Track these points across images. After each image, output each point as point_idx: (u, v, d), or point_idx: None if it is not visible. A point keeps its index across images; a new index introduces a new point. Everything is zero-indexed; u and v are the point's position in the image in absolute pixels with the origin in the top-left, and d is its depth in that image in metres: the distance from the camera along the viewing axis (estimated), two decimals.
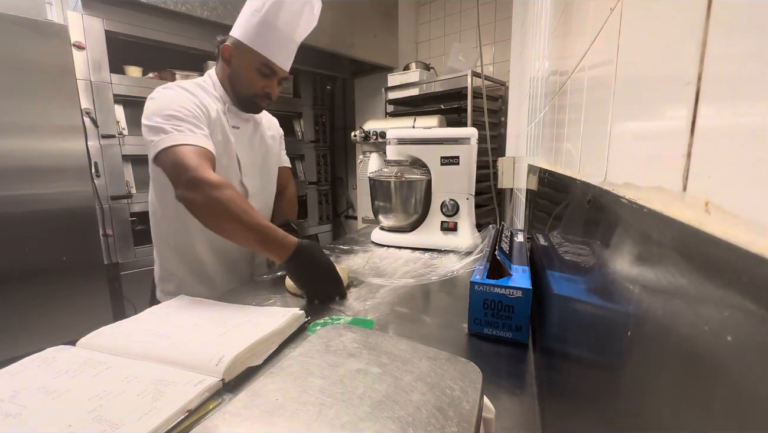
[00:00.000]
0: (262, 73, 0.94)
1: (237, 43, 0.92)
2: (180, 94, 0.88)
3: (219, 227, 0.79)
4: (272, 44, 0.92)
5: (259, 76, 0.94)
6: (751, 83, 0.13)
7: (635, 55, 0.27)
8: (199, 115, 0.88)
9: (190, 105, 0.87)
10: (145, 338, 0.55)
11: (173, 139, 0.80)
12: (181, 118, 0.84)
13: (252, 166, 1.02)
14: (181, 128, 0.82)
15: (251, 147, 1.03)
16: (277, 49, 0.93)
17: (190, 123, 0.84)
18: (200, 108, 0.89)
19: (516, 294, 0.58)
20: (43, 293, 1.55)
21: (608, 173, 0.30)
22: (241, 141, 0.99)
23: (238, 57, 0.93)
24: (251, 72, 0.94)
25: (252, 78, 0.94)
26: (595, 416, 0.26)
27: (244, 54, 0.92)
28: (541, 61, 1.14)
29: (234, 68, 0.95)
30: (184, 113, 0.84)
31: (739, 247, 0.12)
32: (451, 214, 1.16)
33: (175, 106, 0.85)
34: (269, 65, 0.93)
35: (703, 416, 0.13)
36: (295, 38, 0.95)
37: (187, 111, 0.85)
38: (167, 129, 0.81)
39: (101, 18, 1.70)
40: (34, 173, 1.49)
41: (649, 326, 0.18)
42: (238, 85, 0.96)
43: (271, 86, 0.97)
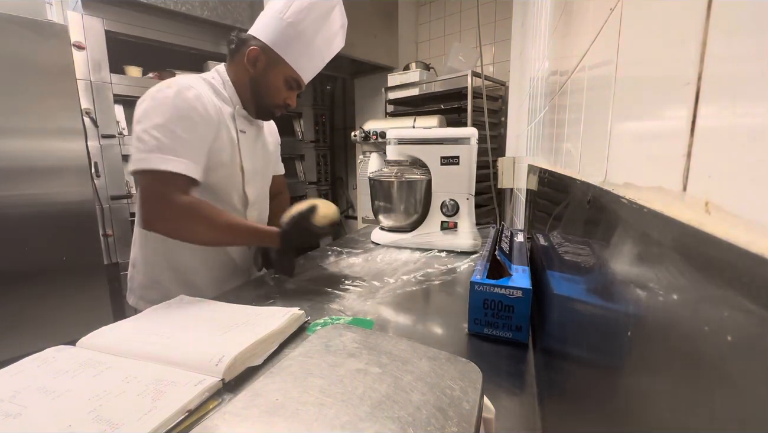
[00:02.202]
0: (288, 85, 0.92)
1: (267, 50, 0.88)
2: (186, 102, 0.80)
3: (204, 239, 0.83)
4: (306, 60, 0.91)
5: (285, 87, 0.92)
6: (751, 83, 0.13)
7: (635, 55, 0.27)
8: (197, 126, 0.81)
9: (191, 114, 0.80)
10: (145, 338, 0.55)
11: (151, 163, 0.75)
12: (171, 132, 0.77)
13: (254, 173, 0.98)
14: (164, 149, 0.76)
15: (254, 153, 0.99)
16: (309, 66, 0.92)
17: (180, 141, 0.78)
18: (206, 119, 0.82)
19: (516, 294, 0.58)
20: (43, 293, 1.55)
21: (608, 173, 0.30)
22: (246, 147, 0.95)
23: (267, 64, 0.89)
24: (278, 82, 0.91)
25: (278, 87, 0.92)
26: (595, 416, 0.26)
27: (274, 63, 0.89)
28: (541, 61, 1.14)
29: (259, 74, 0.90)
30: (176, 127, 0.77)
31: (739, 247, 0.12)
32: (451, 215, 1.16)
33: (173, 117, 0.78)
34: (298, 80, 0.92)
35: (703, 416, 0.13)
36: (326, 58, 0.94)
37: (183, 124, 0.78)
38: (150, 146, 0.76)
39: (101, 18, 1.70)
40: (34, 173, 1.49)
41: (649, 326, 0.18)
42: (261, 92, 0.92)
43: (292, 98, 0.96)
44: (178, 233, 0.80)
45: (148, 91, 0.82)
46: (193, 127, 0.80)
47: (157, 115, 0.78)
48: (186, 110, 0.79)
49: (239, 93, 0.93)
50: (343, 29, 0.94)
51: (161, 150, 0.76)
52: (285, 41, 0.87)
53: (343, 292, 0.81)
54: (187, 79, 0.85)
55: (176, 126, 0.78)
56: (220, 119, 0.87)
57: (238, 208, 0.95)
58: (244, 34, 0.91)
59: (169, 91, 0.80)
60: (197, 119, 0.81)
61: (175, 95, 0.79)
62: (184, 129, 0.78)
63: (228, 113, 0.90)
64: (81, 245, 1.64)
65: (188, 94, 0.80)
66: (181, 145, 0.78)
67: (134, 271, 0.97)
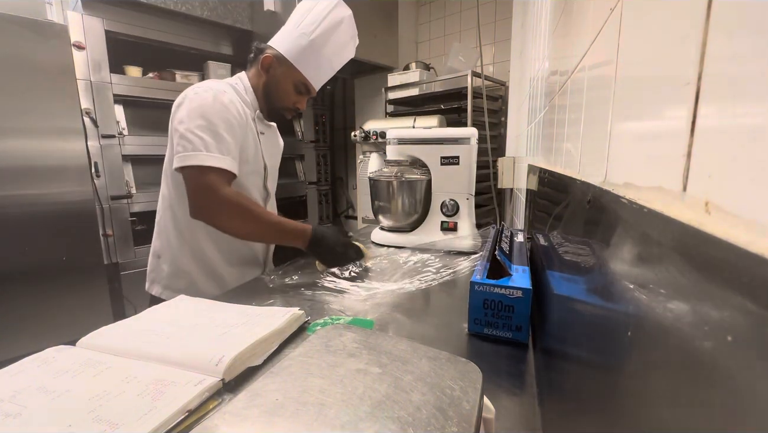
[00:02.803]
0: (298, 90, 1.00)
1: (280, 57, 0.96)
2: (224, 105, 0.89)
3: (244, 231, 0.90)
4: (315, 68, 0.98)
5: (295, 92, 1.00)
6: (751, 83, 0.13)
7: (635, 55, 0.27)
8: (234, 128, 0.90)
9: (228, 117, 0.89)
10: (145, 338, 0.55)
11: (199, 160, 0.84)
12: (215, 133, 0.86)
13: (273, 170, 1.10)
14: (210, 147, 0.85)
15: (272, 153, 1.10)
16: (318, 73, 0.99)
17: (222, 140, 0.87)
18: (239, 120, 0.92)
19: (516, 294, 0.58)
20: (43, 293, 1.55)
21: (608, 173, 0.30)
22: (267, 146, 1.06)
23: (279, 70, 0.97)
24: (288, 86, 0.99)
25: (288, 92, 0.99)
26: (595, 416, 0.26)
27: (285, 69, 0.97)
28: (541, 61, 1.14)
29: (271, 79, 0.99)
30: (218, 128, 0.86)
31: (739, 247, 0.12)
32: (451, 214, 1.16)
33: (214, 118, 0.87)
34: (307, 85, 0.99)
35: (703, 416, 0.13)
36: (335, 66, 1.01)
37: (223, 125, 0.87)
38: (197, 145, 0.84)
39: (101, 18, 1.70)
40: (34, 173, 1.49)
41: (649, 326, 0.18)
42: (272, 95, 1.01)
43: (301, 102, 1.03)
44: (221, 222, 0.88)
45: (184, 93, 0.90)
46: (231, 128, 0.89)
47: (200, 116, 0.86)
48: (224, 112, 0.89)
49: (258, 98, 1.02)
50: (353, 40, 1.01)
51: (207, 148, 0.85)
52: (297, 50, 0.95)
53: (343, 292, 0.81)
54: (220, 84, 0.94)
55: (218, 126, 0.87)
56: (247, 122, 0.96)
57: (259, 200, 1.05)
58: (263, 44, 1.00)
59: (208, 95, 0.88)
60: (233, 121, 0.90)
61: (214, 99, 0.88)
62: (225, 129, 0.87)
63: (250, 116, 1.00)
64: (81, 245, 1.64)
65: (224, 98, 0.89)
66: (224, 143, 0.87)
67: (159, 261, 1.02)
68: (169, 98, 1.95)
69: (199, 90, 0.90)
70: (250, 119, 0.98)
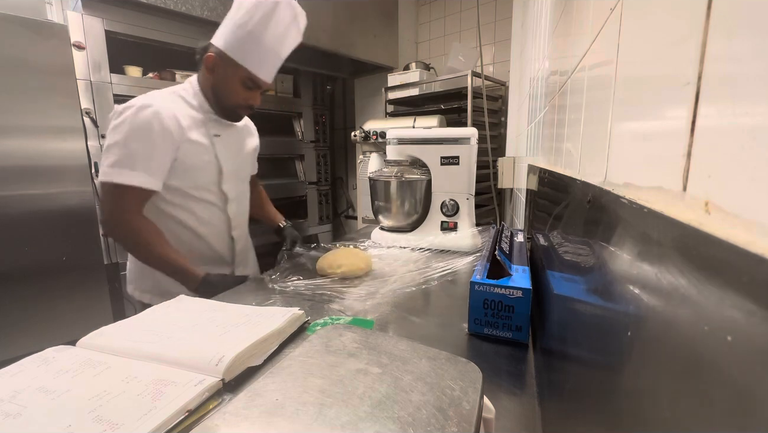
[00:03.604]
0: (246, 86, 0.95)
1: (221, 54, 0.92)
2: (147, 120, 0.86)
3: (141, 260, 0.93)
4: (258, 59, 0.92)
5: (243, 88, 0.95)
6: (751, 83, 0.13)
7: (635, 55, 0.27)
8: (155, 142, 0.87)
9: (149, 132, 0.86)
10: (145, 338, 0.55)
11: (112, 176, 0.85)
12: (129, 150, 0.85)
13: (232, 173, 1.04)
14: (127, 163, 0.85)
15: (232, 154, 1.05)
16: (263, 64, 0.94)
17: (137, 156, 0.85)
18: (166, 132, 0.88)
19: (516, 294, 0.58)
20: (43, 293, 1.55)
21: (608, 173, 0.30)
22: (223, 149, 1.01)
23: (223, 68, 0.93)
24: (235, 84, 0.95)
25: (235, 90, 0.95)
26: (595, 416, 0.26)
27: (228, 66, 0.92)
28: (541, 61, 1.14)
29: (217, 79, 0.95)
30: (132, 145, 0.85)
31: (739, 247, 0.12)
32: (451, 214, 1.16)
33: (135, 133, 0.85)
34: (254, 79, 0.94)
35: (703, 416, 0.13)
36: (281, 54, 0.95)
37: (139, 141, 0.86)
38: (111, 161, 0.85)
39: (101, 18, 1.70)
40: (34, 173, 1.49)
41: (649, 326, 0.18)
42: (220, 95, 0.97)
43: (254, 98, 0.99)
44: (124, 245, 0.92)
45: (115, 108, 0.90)
46: (148, 143, 0.87)
47: (118, 132, 0.86)
48: (142, 127, 0.87)
49: (208, 99, 0.99)
50: (296, 23, 0.94)
51: (120, 165, 0.85)
52: (236, 44, 0.91)
53: (343, 292, 0.81)
54: (149, 97, 0.92)
55: (133, 142, 0.86)
56: (184, 129, 0.93)
57: (217, 204, 1.02)
58: (206, 42, 0.96)
59: (129, 111, 0.87)
60: (153, 135, 0.87)
61: (133, 114, 0.87)
62: (140, 145, 0.86)
63: (200, 120, 0.97)
64: (81, 245, 1.64)
65: (145, 113, 0.87)
66: (137, 159, 0.86)
67: (130, 261, 1.04)
68: None
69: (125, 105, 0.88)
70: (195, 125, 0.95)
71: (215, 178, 1.00)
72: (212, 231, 1.03)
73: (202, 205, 0.99)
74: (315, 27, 2.00)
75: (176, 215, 0.97)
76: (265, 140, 2.71)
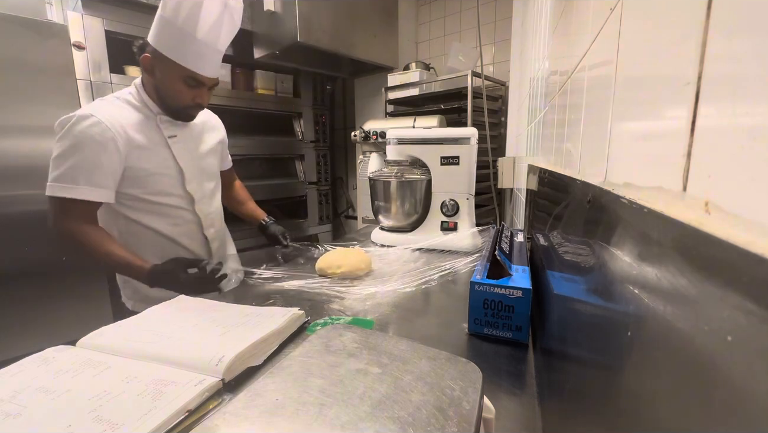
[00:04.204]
0: (189, 84, 0.90)
1: (157, 54, 0.87)
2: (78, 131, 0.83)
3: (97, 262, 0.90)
4: (195, 56, 0.87)
5: (187, 87, 0.90)
6: (751, 83, 0.13)
7: (635, 55, 0.27)
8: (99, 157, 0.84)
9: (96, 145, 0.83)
10: (145, 338, 0.55)
11: (55, 191, 0.83)
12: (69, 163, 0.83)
13: (195, 172, 1.01)
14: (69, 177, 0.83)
15: (192, 154, 1.01)
16: (202, 61, 0.88)
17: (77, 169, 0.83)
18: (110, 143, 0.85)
19: (516, 294, 0.58)
20: (43, 293, 1.55)
21: (608, 173, 0.30)
22: (181, 149, 0.97)
23: (161, 69, 0.88)
24: (177, 84, 0.89)
25: (179, 90, 0.90)
26: (595, 416, 0.26)
27: (166, 66, 0.87)
28: (541, 61, 1.14)
29: (158, 79, 0.90)
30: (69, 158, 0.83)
31: (739, 247, 0.12)
32: (451, 214, 1.16)
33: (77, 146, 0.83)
34: (195, 77, 0.89)
35: (703, 416, 0.13)
36: (219, 47, 0.90)
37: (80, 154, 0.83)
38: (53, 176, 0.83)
39: (101, 18, 1.70)
40: (34, 173, 1.49)
41: (649, 326, 0.18)
42: (165, 96, 0.92)
43: (201, 95, 0.93)
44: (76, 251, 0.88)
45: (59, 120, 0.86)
46: (90, 154, 0.83)
47: (59, 146, 0.84)
48: (81, 140, 0.83)
49: (155, 102, 0.94)
50: (228, 10, 0.88)
51: (62, 179, 0.83)
52: (169, 41, 0.85)
53: (343, 292, 0.81)
54: (90, 107, 0.87)
55: (74, 155, 0.83)
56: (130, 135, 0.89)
57: (183, 206, 0.99)
58: (142, 40, 0.91)
59: (69, 123, 0.84)
60: (94, 146, 0.84)
61: (72, 126, 0.83)
62: (81, 157, 0.83)
63: (149, 124, 0.93)
64: None
65: (84, 124, 0.84)
66: (79, 172, 0.83)
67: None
68: None
69: (65, 118, 0.85)
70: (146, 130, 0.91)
71: (177, 181, 0.96)
72: (184, 233, 1.00)
73: (168, 208, 0.96)
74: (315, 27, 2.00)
75: (145, 222, 0.95)
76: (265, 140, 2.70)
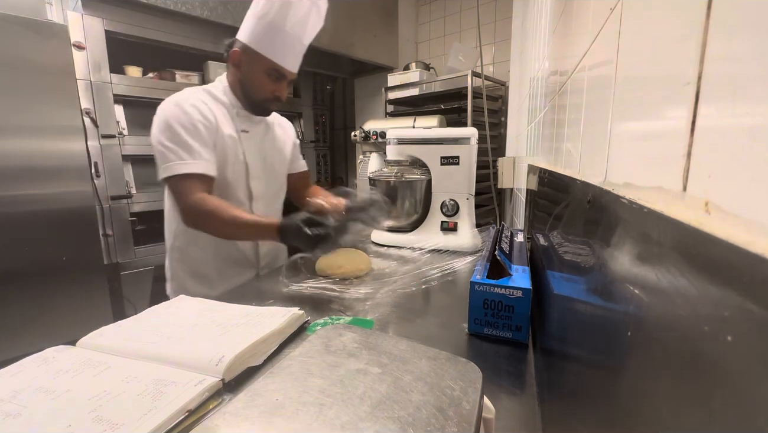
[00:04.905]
0: (272, 77, 0.96)
1: (245, 48, 0.93)
2: (185, 112, 0.90)
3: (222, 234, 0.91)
4: (280, 48, 0.93)
5: (269, 80, 0.96)
6: (751, 83, 0.13)
7: (635, 55, 0.27)
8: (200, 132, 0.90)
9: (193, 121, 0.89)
10: (145, 338, 0.55)
11: (171, 171, 0.87)
12: (180, 141, 0.88)
13: (260, 169, 1.05)
14: (179, 155, 0.87)
15: (260, 150, 1.05)
16: (286, 53, 0.94)
17: (188, 146, 0.88)
18: (204, 123, 0.91)
19: (516, 294, 0.58)
20: (43, 293, 1.55)
21: (608, 173, 0.30)
22: (251, 145, 1.02)
23: (247, 62, 0.95)
24: (261, 76, 0.95)
25: (262, 82, 0.96)
26: (595, 416, 0.26)
27: (253, 59, 0.93)
28: (541, 61, 1.14)
29: (244, 73, 0.96)
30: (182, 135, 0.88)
31: (739, 247, 0.12)
32: (451, 215, 1.16)
33: (178, 127, 0.88)
34: (278, 69, 0.95)
35: (703, 416, 0.13)
36: (303, 41, 0.96)
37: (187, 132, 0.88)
38: (167, 156, 0.87)
39: (101, 18, 1.70)
40: (34, 173, 1.49)
41: (649, 326, 0.18)
42: (248, 89, 0.98)
43: (281, 89, 0.99)
44: (202, 226, 0.90)
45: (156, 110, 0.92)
46: (196, 131, 0.90)
47: (165, 128, 0.88)
48: (186, 118, 0.89)
49: (237, 95, 1.00)
50: (316, 6, 0.93)
51: (177, 156, 0.87)
52: (258, 35, 0.91)
53: (343, 292, 0.81)
54: (185, 93, 0.95)
55: (182, 133, 0.88)
56: (218, 121, 0.95)
57: (244, 201, 1.02)
58: (232, 39, 0.97)
59: (169, 105, 0.91)
60: (198, 124, 0.90)
61: (175, 107, 0.90)
62: (189, 135, 0.89)
63: (228, 116, 0.98)
64: (81, 245, 1.64)
65: (185, 105, 0.91)
66: (191, 149, 0.88)
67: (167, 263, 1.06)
68: None
69: (165, 103, 0.91)
70: (228, 119, 0.97)
71: (243, 175, 1.01)
72: None
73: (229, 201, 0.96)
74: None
75: None
76: None
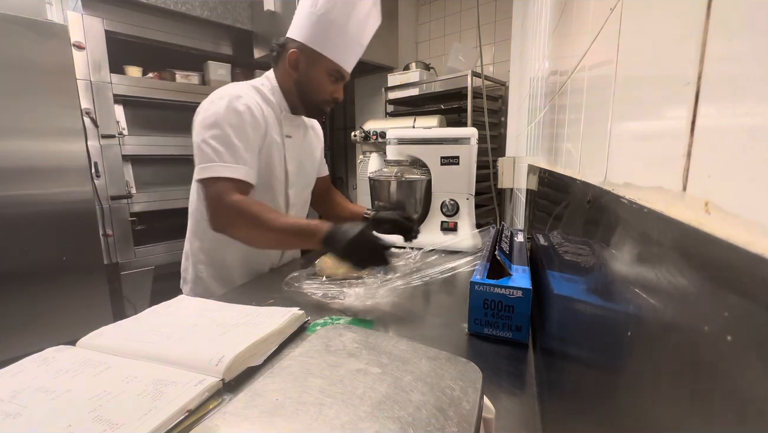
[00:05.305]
0: (332, 78, 0.93)
1: (304, 48, 0.89)
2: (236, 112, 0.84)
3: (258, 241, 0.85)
4: (343, 49, 0.90)
5: (329, 81, 0.93)
6: (751, 83, 0.13)
7: (635, 55, 0.27)
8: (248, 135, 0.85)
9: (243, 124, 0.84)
10: (145, 338, 0.55)
11: (212, 171, 0.82)
12: (227, 142, 0.82)
13: (297, 176, 1.02)
14: (223, 157, 0.82)
15: (300, 157, 1.02)
16: (348, 54, 0.92)
17: (235, 149, 0.83)
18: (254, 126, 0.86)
19: (516, 294, 0.58)
20: (43, 293, 1.55)
21: (608, 173, 0.30)
22: (292, 150, 0.99)
23: (308, 63, 0.90)
24: (322, 77, 0.92)
25: (322, 84, 0.93)
26: (595, 416, 0.26)
27: (313, 60, 0.90)
28: (541, 61, 1.14)
29: (302, 74, 0.92)
30: (231, 137, 0.83)
31: (739, 247, 0.12)
32: (451, 215, 1.16)
33: (227, 127, 0.83)
34: (339, 70, 0.92)
35: (703, 416, 0.13)
36: (363, 41, 0.93)
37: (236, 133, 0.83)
38: (210, 156, 0.82)
39: (101, 18, 1.70)
40: (34, 174, 1.49)
41: (649, 326, 0.18)
42: (306, 91, 0.94)
43: (338, 90, 0.96)
44: (235, 233, 0.83)
45: (202, 103, 0.87)
46: (245, 135, 0.85)
47: (213, 126, 0.83)
48: (238, 119, 0.84)
49: (286, 97, 0.96)
50: (375, 6, 0.92)
51: (221, 158, 0.82)
52: (319, 35, 0.87)
53: (343, 292, 0.81)
54: (237, 88, 0.89)
55: (231, 135, 0.83)
56: (268, 125, 0.90)
57: (281, 208, 1.00)
58: (283, 39, 0.93)
59: (222, 103, 0.84)
60: (248, 127, 0.85)
61: (227, 106, 0.84)
62: (238, 137, 0.84)
63: (275, 118, 0.94)
64: (81, 245, 1.64)
65: (238, 104, 0.85)
66: (237, 152, 0.83)
67: (186, 263, 1.02)
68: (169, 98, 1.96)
69: (214, 98, 0.86)
70: (274, 121, 0.93)
71: (282, 181, 0.98)
72: None
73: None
74: None
75: None
76: None
